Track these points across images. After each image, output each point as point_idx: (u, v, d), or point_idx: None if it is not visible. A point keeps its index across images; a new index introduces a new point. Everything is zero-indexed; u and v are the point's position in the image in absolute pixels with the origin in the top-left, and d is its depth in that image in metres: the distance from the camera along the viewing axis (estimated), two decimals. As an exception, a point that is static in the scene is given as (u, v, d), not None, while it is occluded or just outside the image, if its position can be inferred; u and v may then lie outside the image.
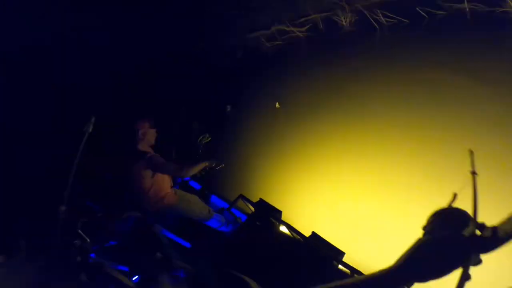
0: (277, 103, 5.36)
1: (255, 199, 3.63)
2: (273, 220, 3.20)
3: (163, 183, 3.59)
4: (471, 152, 1.52)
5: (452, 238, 0.94)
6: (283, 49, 6.13)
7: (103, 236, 3.63)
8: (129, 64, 5.53)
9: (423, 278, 0.92)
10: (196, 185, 4.52)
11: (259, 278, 2.75)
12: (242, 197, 3.53)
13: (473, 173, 1.38)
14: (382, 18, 5.58)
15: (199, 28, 5.70)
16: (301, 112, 5.30)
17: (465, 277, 0.87)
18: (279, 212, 3.27)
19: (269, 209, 3.31)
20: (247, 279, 2.01)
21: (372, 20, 5.53)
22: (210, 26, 5.83)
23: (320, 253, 2.82)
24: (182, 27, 5.56)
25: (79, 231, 2.63)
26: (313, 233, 2.98)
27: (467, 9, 5.18)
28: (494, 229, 0.93)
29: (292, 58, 6.03)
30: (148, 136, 3.61)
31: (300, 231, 3.06)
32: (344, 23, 5.63)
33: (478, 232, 0.97)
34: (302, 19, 5.82)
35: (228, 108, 5.14)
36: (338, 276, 2.68)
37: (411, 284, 0.96)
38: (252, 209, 3.51)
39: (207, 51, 5.84)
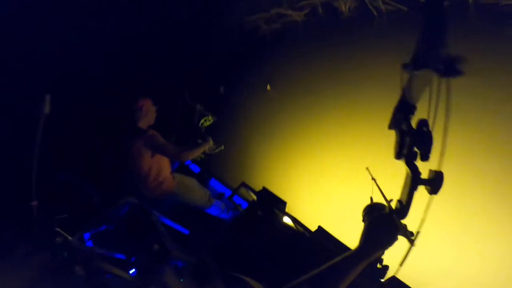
0: (268, 86, 5.17)
1: (254, 185, 3.49)
2: (277, 212, 3.06)
3: (163, 166, 3.41)
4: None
5: (378, 217, 1.27)
6: (281, 32, 5.80)
7: (97, 221, 3.51)
8: (126, 47, 5.16)
9: (381, 248, 1.20)
10: (195, 168, 4.35)
11: (259, 270, 2.68)
12: (244, 185, 3.37)
13: (373, 179, 1.77)
14: (381, 5, 5.31)
15: (198, 10, 5.32)
16: (298, 95, 5.08)
17: (407, 237, 1.21)
18: (284, 203, 3.12)
19: (273, 199, 3.16)
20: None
21: (371, 7, 5.26)
22: (210, 8, 5.46)
23: (325, 250, 2.70)
24: (181, 8, 5.19)
25: (57, 229, 2.45)
26: (319, 227, 2.86)
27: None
28: (399, 200, 1.26)
29: (291, 41, 5.73)
30: (149, 114, 3.43)
31: (304, 224, 2.93)
32: (343, 9, 5.36)
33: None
34: (302, 3, 5.49)
35: (222, 89, 4.91)
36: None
37: (376, 255, 1.20)
38: (255, 197, 3.36)
39: (206, 33, 5.47)
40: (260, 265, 2.78)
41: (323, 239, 2.76)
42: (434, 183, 1.14)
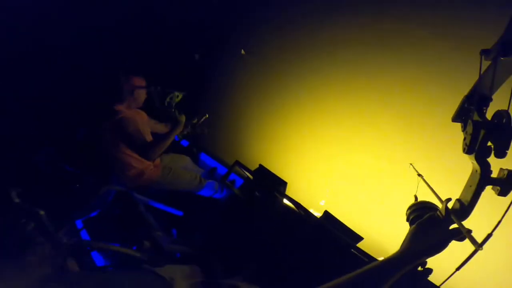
0: (242, 50, 4.59)
1: (249, 162, 3.08)
2: (276, 194, 2.67)
3: None
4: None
5: (430, 219, 1.08)
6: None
7: (83, 211, 3.19)
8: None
9: (429, 255, 1.02)
10: (183, 142, 3.92)
11: (259, 260, 2.39)
12: (238, 164, 2.94)
13: (419, 175, 1.61)
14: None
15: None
16: (291, 62, 4.44)
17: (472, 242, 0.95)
18: (284, 184, 2.73)
19: (271, 179, 2.76)
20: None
21: None
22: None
23: (333, 238, 2.35)
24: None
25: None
26: (326, 212, 2.49)
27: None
28: (459, 200, 1.05)
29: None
30: (138, 97, 2.90)
31: (307, 208, 2.55)
32: None
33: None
34: None
35: (196, 56, 4.36)
36: (353, 263, 2.26)
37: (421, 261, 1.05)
38: (251, 176, 2.95)
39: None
40: (260, 253, 2.50)
41: (329, 226, 2.39)
42: (506, 183, 0.97)
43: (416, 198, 1.39)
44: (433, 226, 1.06)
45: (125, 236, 2.91)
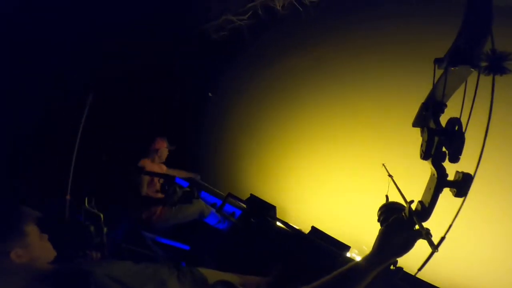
0: (209, 93, 5.04)
1: (246, 189, 3.33)
2: (269, 218, 2.89)
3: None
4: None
5: (397, 220, 1.10)
6: (229, 38, 5.49)
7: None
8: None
9: (398, 255, 1.06)
10: (183, 183, 4.16)
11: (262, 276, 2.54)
12: (231, 195, 3.19)
13: (390, 176, 1.67)
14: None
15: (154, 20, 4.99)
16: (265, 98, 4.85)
17: (430, 244, 0.97)
18: (273, 208, 2.95)
19: (262, 206, 2.99)
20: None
21: (294, 2, 4.97)
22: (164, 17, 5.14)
23: (322, 249, 2.54)
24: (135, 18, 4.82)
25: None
26: (313, 227, 2.70)
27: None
28: (421, 202, 1.08)
29: (236, 46, 5.41)
30: (163, 154, 3.67)
31: (297, 225, 2.77)
32: (278, 7, 5.11)
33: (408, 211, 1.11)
34: (248, 6, 5.24)
35: (210, 94, 4.76)
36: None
37: (391, 261, 1.08)
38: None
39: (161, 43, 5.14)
40: (260, 271, 2.65)
41: (318, 239, 2.60)
42: (461, 185, 1.02)
43: (387, 198, 1.41)
44: (399, 227, 1.08)
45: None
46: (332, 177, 3.94)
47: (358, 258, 3.21)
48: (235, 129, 4.84)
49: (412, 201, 1.14)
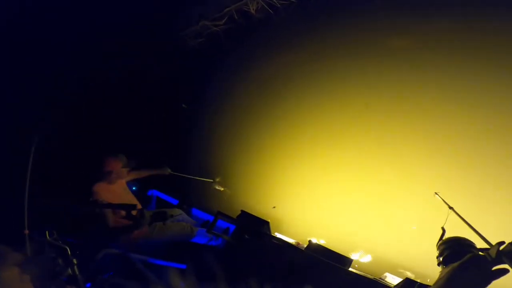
0: (183, 105, 4.90)
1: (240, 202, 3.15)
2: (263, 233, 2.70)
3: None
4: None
5: (476, 258, 0.94)
6: (206, 45, 5.38)
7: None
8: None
9: None
10: (172, 201, 3.95)
11: None
12: (220, 214, 3.00)
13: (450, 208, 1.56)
14: (276, 1, 4.98)
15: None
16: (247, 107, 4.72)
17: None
18: (266, 223, 2.77)
19: (254, 222, 2.80)
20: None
21: (265, 5, 4.93)
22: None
23: (320, 262, 2.35)
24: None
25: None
26: (310, 242, 2.52)
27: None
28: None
29: (214, 53, 5.31)
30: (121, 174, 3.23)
31: (293, 239, 2.58)
32: (252, 11, 5.06)
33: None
34: (224, 11, 5.18)
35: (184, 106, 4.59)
36: (352, 282, 2.24)
37: None
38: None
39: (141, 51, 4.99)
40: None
41: (316, 252, 2.41)
42: None
43: (443, 231, 1.36)
44: (476, 266, 0.97)
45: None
46: (327, 184, 3.77)
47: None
48: (222, 140, 4.67)
49: (502, 243, 1.00)
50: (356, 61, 3.98)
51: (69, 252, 2.21)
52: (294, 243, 2.93)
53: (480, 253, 0.99)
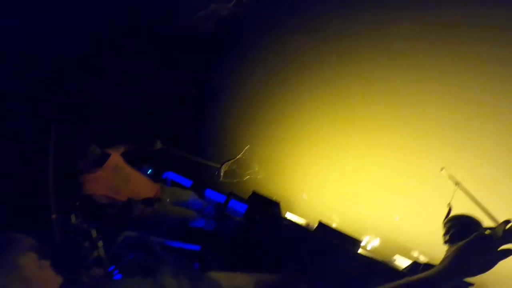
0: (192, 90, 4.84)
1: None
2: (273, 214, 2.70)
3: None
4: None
5: (482, 237, 0.94)
6: (218, 29, 5.19)
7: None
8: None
9: (473, 274, 0.93)
10: (186, 182, 3.98)
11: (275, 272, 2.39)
12: (233, 195, 3.00)
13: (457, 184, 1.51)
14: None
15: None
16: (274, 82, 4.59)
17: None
18: (277, 204, 2.75)
19: (265, 203, 2.79)
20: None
21: None
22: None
23: (330, 245, 2.34)
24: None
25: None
26: (320, 223, 2.49)
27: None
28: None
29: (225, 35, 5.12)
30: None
31: (304, 219, 2.56)
32: None
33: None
34: None
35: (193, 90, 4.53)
36: (361, 265, 2.22)
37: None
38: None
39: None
40: (271, 268, 2.50)
41: (326, 234, 2.39)
42: None
43: (450, 208, 1.30)
44: (481, 245, 0.95)
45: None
46: (340, 164, 3.71)
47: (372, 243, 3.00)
48: (233, 119, 4.62)
49: (508, 221, 0.98)
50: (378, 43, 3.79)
51: (95, 234, 2.29)
52: (304, 224, 2.95)
53: (487, 231, 0.97)
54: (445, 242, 1.16)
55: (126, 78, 4.49)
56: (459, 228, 1.09)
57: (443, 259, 0.97)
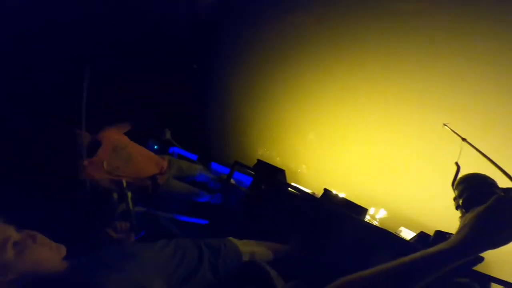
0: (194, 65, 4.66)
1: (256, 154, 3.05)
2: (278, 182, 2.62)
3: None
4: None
5: (504, 201, 0.80)
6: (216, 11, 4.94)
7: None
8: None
9: (495, 246, 0.79)
10: (192, 156, 3.93)
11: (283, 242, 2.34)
12: (238, 163, 2.91)
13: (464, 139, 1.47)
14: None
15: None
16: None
17: None
18: (282, 171, 2.67)
19: (270, 170, 2.71)
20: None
21: None
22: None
23: (337, 213, 2.25)
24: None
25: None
26: (325, 190, 2.39)
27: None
28: None
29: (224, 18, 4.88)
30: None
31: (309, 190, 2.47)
32: None
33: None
34: None
35: (195, 66, 4.43)
36: (368, 234, 2.13)
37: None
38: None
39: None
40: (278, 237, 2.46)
41: (331, 202, 2.30)
42: None
43: (458, 167, 1.14)
44: (504, 209, 0.82)
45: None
46: (343, 138, 3.59)
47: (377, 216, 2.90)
48: (239, 92, 4.49)
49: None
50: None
51: (124, 185, 2.26)
52: (310, 192, 2.86)
53: (502, 193, 0.84)
54: (458, 207, 1.01)
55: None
56: (474, 191, 0.94)
57: (461, 228, 0.84)
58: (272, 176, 2.66)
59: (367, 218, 2.56)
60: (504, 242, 0.80)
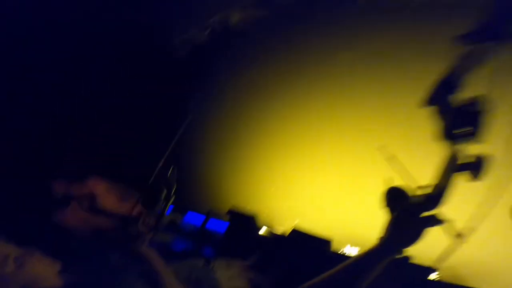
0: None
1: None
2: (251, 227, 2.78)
3: None
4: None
5: (408, 206, 0.97)
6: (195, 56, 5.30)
7: None
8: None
9: (410, 245, 0.93)
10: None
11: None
12: (211, 213, 3.07)
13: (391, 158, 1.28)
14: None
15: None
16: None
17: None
18: (253, 218, 2.83)
19: (243, 218, 2.88)
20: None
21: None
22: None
23: (306, 248, 2.43)
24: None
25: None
26: (293, 230, 2.58)
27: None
28: (431, 186, 0.96)
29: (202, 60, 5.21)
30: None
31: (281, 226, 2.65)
32: (235, 22, 5.02)
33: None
34: (207, 22, 5.10)
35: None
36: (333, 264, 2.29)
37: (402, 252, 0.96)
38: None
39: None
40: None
41: (300, 240, 2.49)
42: (475, 167, 0.94)
43: (391, 183, 1.33)
44: (405, 217, 0.96)
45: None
46: (317, 170, 3.84)
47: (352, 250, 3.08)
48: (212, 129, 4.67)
49: (421, 187, 0.99)
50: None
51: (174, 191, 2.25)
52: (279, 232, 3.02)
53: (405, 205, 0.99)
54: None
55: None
56: (390, 203, 1.07)
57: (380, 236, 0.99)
58: (245, 223, 2.82)
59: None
60: (411, 244, 0.93)
